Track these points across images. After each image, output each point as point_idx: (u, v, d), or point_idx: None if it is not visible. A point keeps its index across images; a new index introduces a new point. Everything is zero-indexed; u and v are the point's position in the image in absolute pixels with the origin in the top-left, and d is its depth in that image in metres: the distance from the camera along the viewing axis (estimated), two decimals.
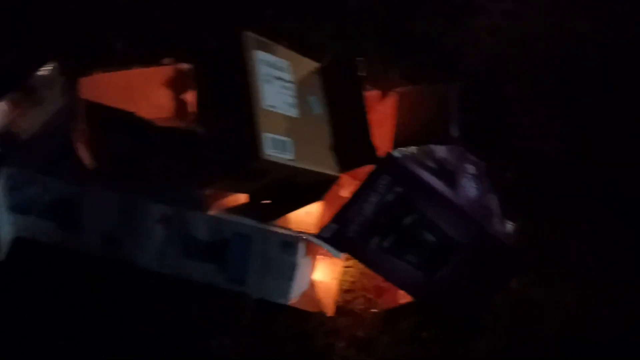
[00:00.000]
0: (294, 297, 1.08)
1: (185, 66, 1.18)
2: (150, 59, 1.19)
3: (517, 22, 1.67)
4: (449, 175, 1.03)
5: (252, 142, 0.90)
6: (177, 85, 1.19)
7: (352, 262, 1.16)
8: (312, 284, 1.13)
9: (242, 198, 1.07)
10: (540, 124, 1.44)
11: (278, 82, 0.98)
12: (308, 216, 1.08)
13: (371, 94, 1.17)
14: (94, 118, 1.03)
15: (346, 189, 1.07)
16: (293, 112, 0.98)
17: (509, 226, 1.12)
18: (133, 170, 1.03)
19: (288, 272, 1.04)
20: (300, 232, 1.03)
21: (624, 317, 1.12)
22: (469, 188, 1.05)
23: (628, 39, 1.68)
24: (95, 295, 1.06)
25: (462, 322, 1.07)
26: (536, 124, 1.43)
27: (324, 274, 1.15)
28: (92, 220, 1.07)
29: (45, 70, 1.14)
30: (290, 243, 1.03)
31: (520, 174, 1.31)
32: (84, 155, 1.04)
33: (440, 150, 1.07)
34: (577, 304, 1.12)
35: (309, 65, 1.07)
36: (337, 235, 1.02)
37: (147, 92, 1.17)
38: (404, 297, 1.10)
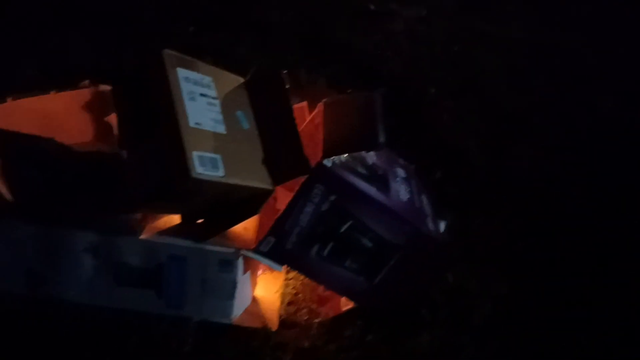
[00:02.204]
0: (237, 315, 1.06)
1: (106, 88, 1.14)
2: (68, 83, 1.14)
3: (432, 27, 1.76)
4: (380, 180, 1.05)
5: (181, 162, 0.88)
6: (99, 108, 1.14)
7: (293, 274, 1.16)
8: (254, 300, 1.12)
9: (174, 219, 1.04)
10: (459, 121, 1.51)
11: (202, 98, 0.96)
12: (245, 232, 1.06)
13: (299, 106, 1.18)
14: (7, 147, 0.96)
15: (283, 201, 1.06)
16: (220, 129, 0.97)
17: (441, 224, 1.16)
18: (54, 200, 0.98)
19: (228, 290, 1.02)
20: (238, 249, 1.01)
21: (550, 300, 1.18)
22: (401, 191, 1.08)
23: (529, 37, 1.81)
24: (25, 338, 0.99)
25: (404, 319, 1.09)
26: (455, 121, 1.51)
27: (266, 289, 1.14)
28: (13, 257, 1.01)
29: None
30: (228, 261, 1.01)
31: (445, 172, 1.37)
32: (0, 187, 0.98)
33: (371, 156, 1.09)
34: (506, 290, 1.18)
35: (233, 80, 1.06)
36: (275, 249, 1.01)
37: (66, 117, 1.12)
38: (346, 304, 1.11)
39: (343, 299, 1.11)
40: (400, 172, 1.14)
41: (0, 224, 0.99)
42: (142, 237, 1.00)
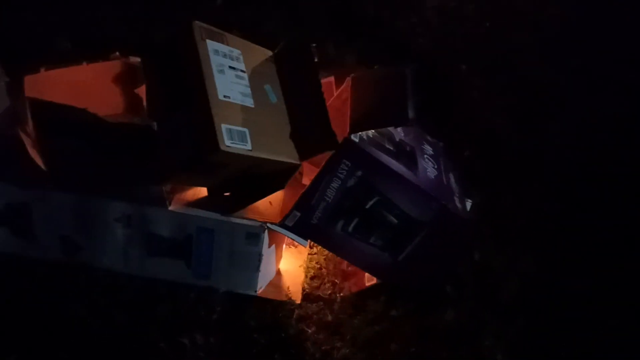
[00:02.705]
0: (261, 287, 1.08)
1: (136, 60, 1.14)
2: (98, 55, 1.15)
3: (463, 2, 1.72)
4: (408, 157, 1.05)
5: (210, 135, 0.89)
6: (128, 79, 1.15)
7: (317, 248, 1.17)
8: (278, 273, 1.13)
9: (202, 191, 1.05)
10: (489, 98, 1.49)
11: (231, 71, 0.96)
12: (271, 206, 1.07)
13: (327, 80, 1.18)
14: (41, 117, 0.98)
15: (309, 176, 1.06)
16: (248, 102, 0.97)
17: (468, 202, 1.15)
18: (87, 170, 1.00)
19: (253, 263, 1.04)
20: (264, 222, 1.03)
21: (578, 278, 1.17)
22: (428, 168, 1.07)
23: (562, 13, 1.76)
24: (58, 303, 1.02)
25: (428, 295, 1.09)
26: (485, 98, 1.49)
27: (290, 262, 1.16)
28: (48, 224, 1.04)
29: None
30: (255, 234, 1.02)
31: (474, 149, 1.35)
32: (34, 157, 1.01)
33: (398, 133, 1.08)
34: (532, 268, 1.17)
35: (262, 53, 1.06)
36: (300, 223, 1.02)
37: (97, 88, 1.13)
38: (370, 280, 1.11)
39: (367, 275, 1.12)
40: (428, 150, 1.13)
41: (35, 192, 1.02)
42: (171, 208, 1.01)
